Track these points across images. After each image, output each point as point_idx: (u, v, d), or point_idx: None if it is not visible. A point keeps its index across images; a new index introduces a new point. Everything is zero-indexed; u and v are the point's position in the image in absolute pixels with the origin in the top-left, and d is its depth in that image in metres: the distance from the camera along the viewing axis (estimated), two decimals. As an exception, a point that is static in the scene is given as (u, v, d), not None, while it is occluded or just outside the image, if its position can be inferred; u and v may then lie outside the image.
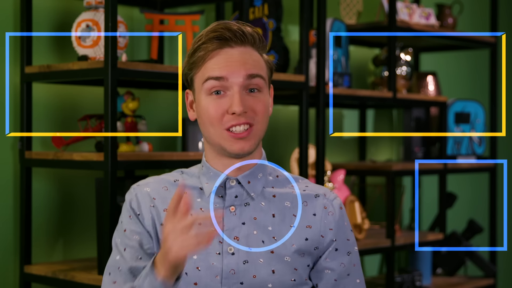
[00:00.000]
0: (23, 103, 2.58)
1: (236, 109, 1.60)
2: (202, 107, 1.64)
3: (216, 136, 1.63)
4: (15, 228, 2.66)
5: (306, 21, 2.90)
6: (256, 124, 1.63)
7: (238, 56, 1.63)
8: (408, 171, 3.33)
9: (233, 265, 1.62)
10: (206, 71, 1.63)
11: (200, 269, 1.62)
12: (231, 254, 1.63)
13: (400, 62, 3.50)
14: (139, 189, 1.71)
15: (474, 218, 4.19)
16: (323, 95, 2.99)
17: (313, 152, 3.12)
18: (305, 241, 1.67)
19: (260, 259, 1.64)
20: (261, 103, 1.64)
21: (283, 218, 1.67)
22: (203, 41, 1.63)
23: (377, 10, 3.62)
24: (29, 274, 2.56)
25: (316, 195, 1.71)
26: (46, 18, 2.73)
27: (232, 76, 1.61)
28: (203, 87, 1.63)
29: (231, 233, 1.64)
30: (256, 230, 1.65)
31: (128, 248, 1.66)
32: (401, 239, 3.25)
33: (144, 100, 2.90)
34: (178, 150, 3.06)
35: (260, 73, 1.64)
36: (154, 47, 2.80)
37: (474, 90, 4.57)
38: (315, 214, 1.69)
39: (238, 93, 1.61)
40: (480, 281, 3.73)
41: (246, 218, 1.65)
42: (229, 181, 1.67)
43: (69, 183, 2.78)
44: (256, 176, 1.68)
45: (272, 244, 1.65)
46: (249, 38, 1.65)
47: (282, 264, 1.65)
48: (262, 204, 1.67)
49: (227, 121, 1.62)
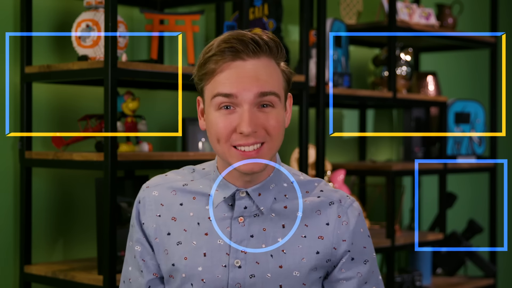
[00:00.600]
0: (23, 103, 2.58)
1: (245, 130, 1.51)
2: (211, 122, 1.55)
3: (223, 152, 1.55)
4: (15, 228, 2.66)
5: (306, 21, 2.90)
6: (268, 142, 1.55)
7: (250, 72, 1.52)
8: (408, 171, 3.33)
9: (240, 279, 1.57)
10: (216, 85, 1.53)
11: (205, 281, 1.57)
12: (238, 267, 1.57)
13: (400, 62, 3.50)
14: (147, 192, 1.65)
15: (474, 218, 4.19)
16: (323, 95, 2.99)
17: (313, 152, 3.12)
18: (316, 254, 1.59)
19: (267, 273, 1.57)
20: (274, 120, 1.54)
21: (293, 229, 1.60)
22: (214, 53, 1.53)
23: (377, 10, 3.62)
24: (29, 274, 2.56)
25: (330, 203, 1.62)
26: (46, 18, 2.73)
27: (243, 93, 1.51)
28: (212, 102, 1.54)
29: (239, 245, 1.58)
30: (265, 243, 1.58)
31: (135, 259, 1.65)
32: (401, 239, 3.25)
33: (144, 100, 2.90)
34: (178, 150, 3.06)
35: (273, 90, 1.54)
36: (154, 47, 2.80)
37: (474, 90, 4.57)
38: (328, 223, 1.60)
39: (248, 112, 1.51)
40: (480, 281, 3.73)
41: (254, 230, 1.58)
42: (238, 192, 1.59)
43: (69, 183, 2.78)
44: (268, 187, 1.60)
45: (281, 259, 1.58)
46: (264, 48, 1.54)
47: (291, 280, 1.58)
48: (272, 215, 1.60)
49: (235, 139, 1.53)
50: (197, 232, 1.59)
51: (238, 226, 1.58)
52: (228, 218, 1.59)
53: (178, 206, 1.62)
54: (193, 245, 1.58)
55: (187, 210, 1.61)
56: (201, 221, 1.60)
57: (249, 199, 1.59)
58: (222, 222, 1.59)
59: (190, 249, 1.59)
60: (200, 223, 1.60)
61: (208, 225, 1.59)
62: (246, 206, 1.59)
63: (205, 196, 1.62)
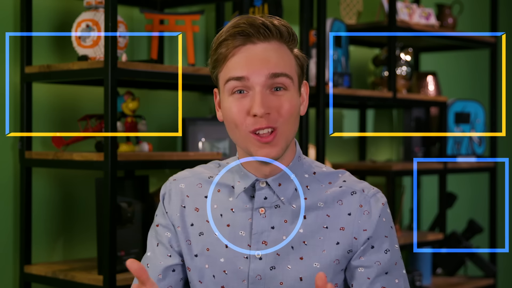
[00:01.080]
0: (23, 103, 2.58)
1: (257, 111, 1.49)
2: (226, 108, 1.55)
3: (241, 138, 1.54)
4: (15, 228, 2.66)
5: (306, 21, 2.90)
6: (281, 126, 1.52)
7: (261, 54, 1.52)
8: (408, 171, 3.33)
9: (260, 271, 1.56)
10: (228, 70, 1.53)
11: (227, 273, 1.57)
12: (259, 259, 1.56)
13: (400, 62, 3.50)
14: (174, 185, 1.66)
15: (474, 218, 4.19)
16: (323, 95, 2.99)
17: (313, 152, 3.12)
18: (336, 245, 1.57)
19: (288, 265, 1.56)
20: (287, 103, 1.52)
21: (315, 220, 1.58)
22: (224, 37, 1.53)
23: (377, 10, 3.62)
24: (29, 274, 2.56)
25: (352, 192, 1.59)
26: (46, 18, 2.73)
27: (254, 75, 1.51)
28: (225, 87, 1.54)
29: (260, 237, 1.57)
30: (286, 235, 1.57)
31: (161, 244, 1.63)
32: (401, 239, 3.25)
33: (144, 100, 2.90)
34: (178, 150, 3.06)
35: (285, 71, 1.53)
36: (154, 47, 2.80)
37: (474, 90, 4.57)
38: (350, 213, 1.58)
39: (260, 93, 1.50)
40: (480, 281, 3.73)
41: (276, 222, 1.57)
42: (258, 182, 1.58)
43: (69, 183, 2.78)
44: (288, 177, 1.58)
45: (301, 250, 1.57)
46: (275, 33, 1.53)
47: (311, 271, 1.56)
48: (293, 207, 1.58)
49: (250, 124, 1.51)
50: (220, 223, 1.59)
51: (259, 217, 1.58)
52: (249, 209, 1.59)
53: (202, 198, 1.62)
54: (215, 236, 1.59)
55: (212, 202, 1.62)
56: (223, 213, 1.60)
57: (269, 189, 1.58)
58: (244, 213, 1.59)
59: (212, 240, 1.59)
60: (223, 215, 1.60)
61: (230, 216, 1.59)
62: (266, 196, 1.58)
63: (229, 188, 1.62)
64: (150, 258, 1.64)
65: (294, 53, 1.58)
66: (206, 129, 2.87)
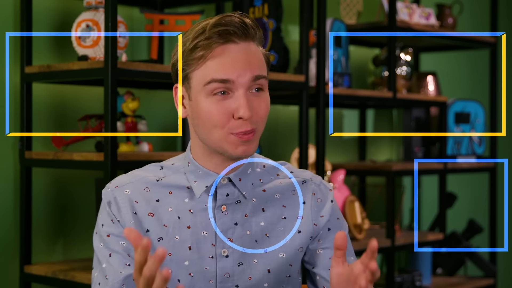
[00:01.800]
0: (23, 103, 2.58)
1: (244, 115, 1.49)
2: (203, 109, 1.52)
3: (217, 138, 1.53)
4: (15, 228, 2.66)
5: (306, 21, 2.90)
6: (259, 127, 1.55)
7: (243, 55, 1.52)
8: (408, 171, 3.33)
9: (228, 268, 1.56)
10: (209, 71, 1.51)
11: (193, 275, 1.55)
12: (225, 256, 1.56)
13: (400, 62, 3.50)
14: (118, 192, 1.58)
15: (474, 218, 4.19)
16: (323, 95, 2.99)
17: (313, 152, 3.12)
18: (298, 234, 1.61)
19: (254, 259, 1.58)
20: (264, 104, 1.55)
21: (274, 212, 1.61)
22: (206, 36, 1.52)
23: (377, 10, 3.62)
24: (29, 274, 2.56)
25: (303, 182, 1.66)
26: (46, 18, 2.73)
27: (238, 78, 1.50)
28: (205, 88, 1.51)
29: (225, 234, 1.57)
30: (249, 230, 1.58)
31: (114, 254, 1.55)
32: (401, 239, 3.25)
33: (144, 100, 2.90)
34: (178, 150, 3.06)
35: (264, 74, 1.55)
36: (154, 47, 2.80)
37: (474, 90, 4.57)
38: (305, 202, 1.64)
39: (245, 96, 1.51)
40: (480, 281, 3.73)
41: (238, 218, 1.58)
42: (220, 180, 1.58)
43: (69, 183, 2.78)
44: (246, 172, 1.60)
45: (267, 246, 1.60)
46: (251, 32, 1.54)
47: (277, 262, 1.59)
48: (253, 200, 1.60)
49: (234, 127, 1.51)
50: (179, 226, 1.57)
51: (221, 215, 1.57)
52: (210, 208, 1.58)
53: (154, 202, 1.58)
54: (176, 239, 1.56)
55: (165, 205, 1.58)
56: (181, 215, 1.57)
57: (231, 185, 1.59)
58: (204, 213, 1.57)
59: (173, 244, 1.56)
60: (181, 217, 1.57)
61: (189, 217, 1.57)
62: (228, 193, 1.59)
63: (183, 189, 1.59)
64: (107, 270, 1.55)
65: (262, 52, 1.59)
66: (206, 129, 2.87)
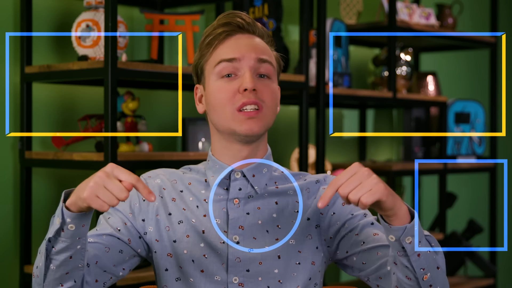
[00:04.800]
0: (23, 103, 2.58)
1: (248, 85, 1.59)
2: (213, 91, 1.64)
3: (225, 118, 1.63)
4: (15, 228, 2.66)
5: (306, 21, 2.90)
6: (265, 108, 1.62)
7: (249, 41, 1.64)
8: (408, 171, 3.33)
9: (239, 253, 1.62)
10: (218, 55, 1.63)
11: (207, 257, 1.63)
12: (236, 242, 1.63)
13: (400, 62, 3.50)
14: (150, 180, 1.72)
15: (474, 218, 4.19)
16: (323, 95, 2.99)
17: (313, 152, 3.12)
18: (307, 220, 1.66)
19: (265, 246, 1.63)
20: (270, 90, 1.64)
21: (286, 205, 1.67)
22: (214, 27, 1.65)
23: (377, 10, 3.62)
24: (29, 274, 2.56)
25: (316, 181, 1.71)
26: (46, 18, 2.74)
27: (244, 58, 1.62)
28: (215, 70, 1.63)
29: (236, 222, 1.64)
30: (261, 219, 1.65)
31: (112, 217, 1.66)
32: (401, 239, 3.25)
33: (144, 100, 2.90)
34: (178, 150, 3.06)
35: (270, 60, 1.65)
36: (154, 47, 2.80)
37: (474, 90, 4.57)
38: (316, 197, 1.69)
39: (249, 71, 1.61)
40: (480, 281, 3.73)
41: (250, 209, 1.65)
42: (234, 173, 1.66)
43: (69, 183, 2.78)
44: (261, 170, 1.67)
45: (278, 237, 1.64)
46: (260, 32, 1.67)
47: (287, 248, 1.64)
48: (265, 195, 1.67)
49: (238, 99, 1.60)
50: (196, 213, 1.66)
51: (233, 206, 1.65)
52: (224, 200, 1.66)
53: (178, 192, 1.70)
54: (193, 222, 1.65)
55: (187, 195, 1.69)
56: (199, 204, 1.67)
57: (244, 180, 1.67)
58: (218, 204, 1.66)
59: (190, 227, 1.65)
60: (199, 206, 1.67)
61: (205, 207, 1.66)
62: (240, 187, 1.66)
63: (201, 183, 1.70)
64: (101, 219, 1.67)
65: (274, 53, 1.70)
66: (206, 129, 2.87)
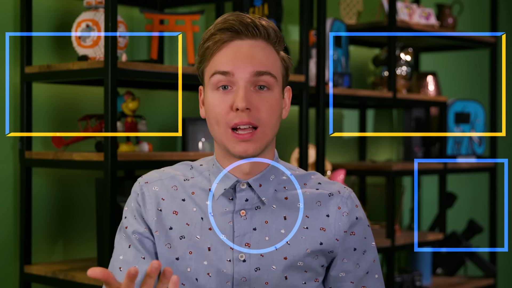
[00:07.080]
0: (23, 103, 2.58)
1: (239, 105, 1.49)
2: (209, 103, 1.55)
3: (220, 134, 1.54)
4: (15, 228, 2.66)
5: (306, 21, 2.90)
6: (261, 127, 1.53)
7: (247, 50, 1.53)
8: (408, 171, 3.33)
9: (245, 273, 1.56)
10: (214, 64, 1.54)
11: (211, 276, 1.56)
12: (242, 261, 1.56)
13: (400, 62, 3.50)
14: (147, 188, 1.61)
15: (474, 218, 4.19)
16: (323, 95, 2.99)
17: (313, 152, 3.12)
18: (319, 245, 1.59)
19: (272, 266, 1.57)
20: (269, 102, 1.53)
21: (295, 220, 1.59)
22: (212, 32, 1.55)
23: (377, 10, 3.62)
24: (29, 274, 2.56)
25: (330, 194, 1.62)
26: (46, 18, 2.73)
27: (239, 71, 1.52)
28: (210, 81, 1.54)
29: (242, 239, 1.56)
30: (268, 235, 1.57)
31: (132, 247, 1.58)
32: (401, 239, 3.25)
33: (144, 100, 2.90)
34: (178, 150, 3.06)
35: (270, 71, 1.54)
36: (154, 47, 2.80)
37: (474, 90, 4.57)
38: (329, 215, 1.61)
39: (243, 88, 1.51)
40: (480, 281, 3.73)
41: (257, 223, 1.57)
42: (239, 184, 1.58)
43: (69, 183, 2.78)
44: (268, 178, 1.59)
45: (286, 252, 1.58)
46: (262, 32, 1.55)
47: (295, 270, 1.58)
48: (273, 207, 1.59)
49: (231, 118, 1.51)
50: (201, 226, 1.58)
51: (240, 219, 1.57)
52: (230, 213, 1.58)
53: (180, 201, 1.60)
54: (197, 239, 1.57)
55: (190, 205, 1.59)
56: (204, 216, 1.58)
57: (250, 190, 1.58)
58: (224, 217, 1.57)
59: (194, 243, 1.57)
60: (204, 218, 1.58)
61: (211, 220, 1.58)
62: (247, 198, 1.58)
63: (205, 191, 1.60)
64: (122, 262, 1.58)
65: (280, 55, 1.59)
66: (206, 129, 2.87)
